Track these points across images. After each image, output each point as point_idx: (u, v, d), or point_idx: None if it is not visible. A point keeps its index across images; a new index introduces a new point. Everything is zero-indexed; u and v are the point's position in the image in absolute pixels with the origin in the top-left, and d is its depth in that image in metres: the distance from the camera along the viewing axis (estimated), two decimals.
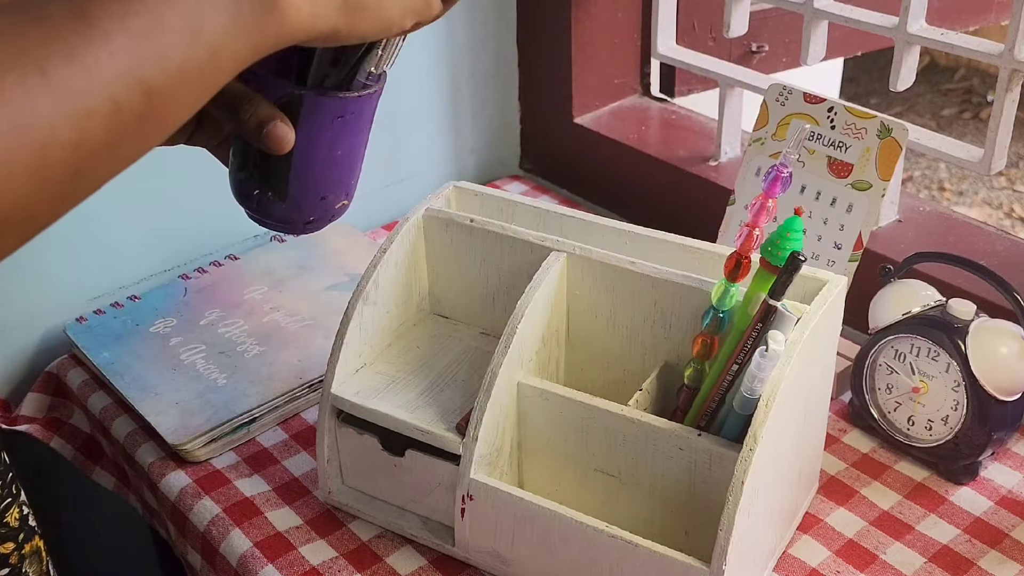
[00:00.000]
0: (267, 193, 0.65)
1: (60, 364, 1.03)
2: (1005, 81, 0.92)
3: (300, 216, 0.66)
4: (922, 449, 0.86)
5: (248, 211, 0.68)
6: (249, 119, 0.61)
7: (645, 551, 0.69)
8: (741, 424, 0.70)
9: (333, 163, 0.65)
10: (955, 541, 0.80)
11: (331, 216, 0.68)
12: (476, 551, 0.78)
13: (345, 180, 0.67)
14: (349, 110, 0.64)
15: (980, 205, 3.12)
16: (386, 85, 0.66)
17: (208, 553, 0.85)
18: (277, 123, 0.61)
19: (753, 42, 1.32)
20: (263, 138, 0.61)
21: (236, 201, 0.67)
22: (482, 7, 1.24)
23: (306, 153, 0.64)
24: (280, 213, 0.66)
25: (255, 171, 0.65)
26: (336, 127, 0.64)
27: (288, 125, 0.61)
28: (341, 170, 0.66)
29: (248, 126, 0.61)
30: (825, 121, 0.91)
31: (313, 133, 0.63)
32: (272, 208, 0.66)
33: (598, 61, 1.25)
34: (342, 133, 0.65)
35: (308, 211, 0.66)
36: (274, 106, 0.62)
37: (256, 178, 0.65)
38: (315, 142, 0.64)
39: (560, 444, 0.77)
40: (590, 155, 1.26)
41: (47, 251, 1.04)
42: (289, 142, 0.61)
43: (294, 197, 0.65)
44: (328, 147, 0.64)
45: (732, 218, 0.96)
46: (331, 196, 0.67)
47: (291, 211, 0.66)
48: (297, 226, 0.67)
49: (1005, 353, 0.82)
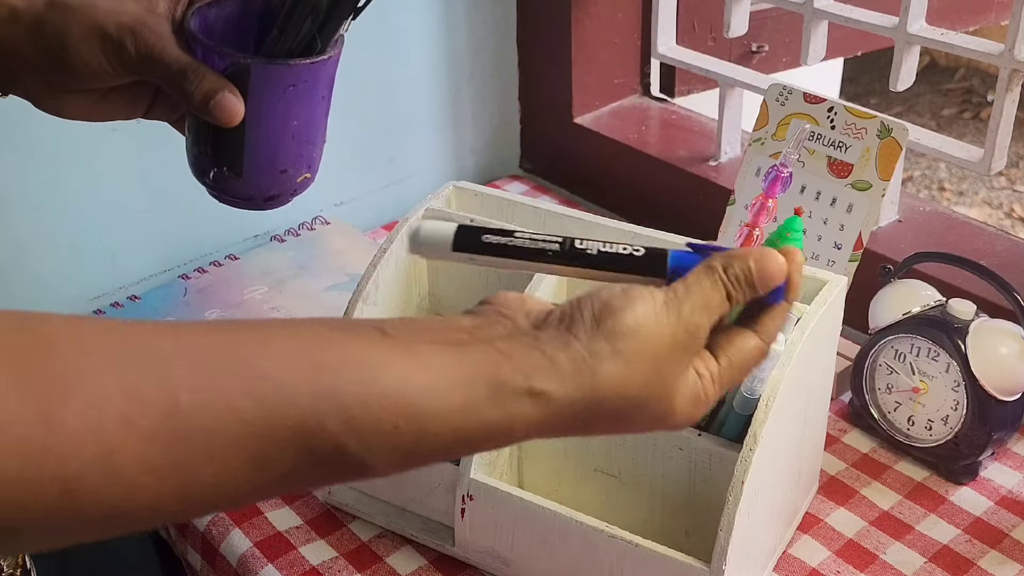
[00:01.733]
0: (222, 169, 0.63)
1: None
2: (1005, 81, 0.92)
3: (259, 192, 0.64)
4: (922, 449, 0.86)
5: (207, 187, 0.65)
6: (195, 91, 0.59)
7: (645, 551, 0.69)
8: (741, 424, 0.70)
9: (289, 135, 0.62)
10: (955, 541, 0.80)
11: (293, 190, 0.65)
12: (476, 551, 0.78)
13: (305, 152, 0.64)
14: (302, 78, 0.61)
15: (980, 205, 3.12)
16: (386, 85, 0.65)
17: (208, 553, 0.85)
18: (225, 94, 0.59)
19: (753, 42, 1.32)
20: (211, 110, 0.59)
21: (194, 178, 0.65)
22: (482, 7, 1.24)
23: (259, 125, 0.61)
24: (238, 189, 0.64)
25: (208, 146, 0.63)
26: (289, 97, 0.61)
27: (237, 96, 0.59)
28: (299, 142, 0.63)
29: (194, 98, 0.59)
30: (825, 121, 0.91)
31: (265, 104, 0.60)
32: (229, 184, 0.64)
33: (598, 61, 1.25)
34: (296, 103, 0.61)
35: (267, 186, 0.64)
36: (221, 77, 0.60)
37: (210, 154, 0.63)
38: (267, 113, 0.61)
39: (560, 444, 0.77)
40: (590, 155, 1.26)
41: (47, 251, 1.04)
42: (238, 114, 0.60)
43: (250, 172, 0.63)
44: (282, 118, 0.61)
45: (732, 218, 0.96)
46: (291, 170, 0.64)
47: (249, 187, 0.63)
48: (257, 202, 0.65)
49: (1005, 353, 0.82)
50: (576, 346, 0.45)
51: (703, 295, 0.47)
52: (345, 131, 1.18)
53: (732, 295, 0.48)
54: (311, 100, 0.62)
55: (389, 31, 1.17)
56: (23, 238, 1.02)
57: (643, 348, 0.45)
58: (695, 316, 0.47)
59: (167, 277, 1.11)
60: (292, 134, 0.63)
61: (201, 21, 0.62)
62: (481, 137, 1.32)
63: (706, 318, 0.47)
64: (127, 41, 0.60)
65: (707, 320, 0.47)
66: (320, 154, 0.66)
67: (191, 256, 1.13)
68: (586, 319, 0.45)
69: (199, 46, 0.60)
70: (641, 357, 0.45)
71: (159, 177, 1.06)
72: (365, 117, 1.19)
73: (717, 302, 0.47)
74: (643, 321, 0.45)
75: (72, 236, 1.04)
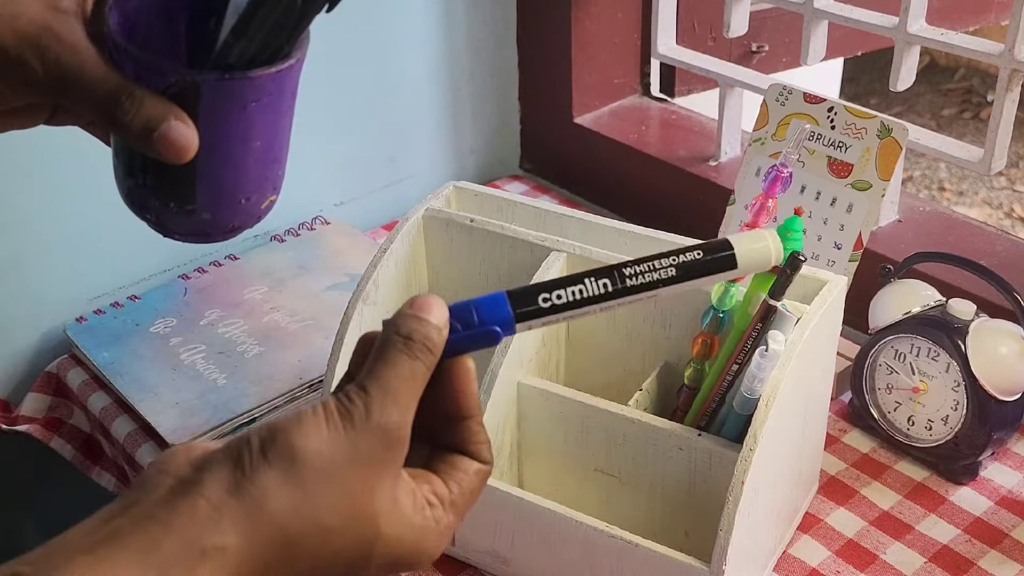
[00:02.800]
0: (168, 204, 0.51)
1: (60, 364, 1.03)
2: (1005, 81, 0.92)
3: (217, 226, 0.53)
4: (922, 449, 0.86)
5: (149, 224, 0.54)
6: (131, 121, 0.47)
7: (645, 551, 0.69)
8: (741, 424, 0.70)
9: (251, 158, 0.50)
10: (955, 541, 0.80)
11: (257, 217, 0.55)
12: (476, 551, 0.78)
13: (270, 175, 0.53)
14: (266, 91, 0.48)
15: (980, 205, 3.12)
16: (386, 85, 0.59)
17: None
18: (172, 123, 0.46)
19: (753, 42, 1.32)
20: (154, 144, 0.47)
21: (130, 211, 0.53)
22: (482, 7, 1.24)
23: (214, 151, 0.49)
24: (190, 226, 0.52)
25: (148, 178, 0.51)
26: (251, 114, 0.48)
27: (187, 123, 0.47)
28: (263, 164, 0.51)
29: (131, 131, 0.47)
30: (825, 121, 0.91)
31: (221, 127, 0.48)
32: (178, 221, 0.52)
33: (598, 61, 1.25)
34: (259, 120, 0.49)
35: (226, 219, 0.53)
36: (163, 99, 0.47)
37: (151, 186, 0.51)
38: (224, 137, 0.49)
39: (560, 444, 0.77)
40: (590, 155, 1.26)
41: (47, 251, 1.04)
42: (191, 146, 0.47)
43: (204, 205, 0.51)
44: (242, 140, 0.49)
45: (732, 218, 0.96)
46: (255, 196, 0.53)
47: (203, 223, 0.52)
48: (214, 236, 0.54)
49: (1005, 353, 0.82)
50: (244, 483, 0.40)
51: (385, 388, 0.42)
52: (345, 131, 1.18)
53: (420, 359, 0.43)
54: (276, 114, 0.50)
55: (389, 31, 1.17)
56: (23, 238, 1.02)
57: (322, 467, 0.40)
58: (384, 416, 0.41)
59: (167, 277, 1.11)
60: (255, 157, 0.51)
61: (120, 16, 0.49)
62: (481, 137, 1.32)
63: (398, 413, 0.42)
64: (30, 59, 0.47)
65: (400, 414, 0.42)
66: (284, 171, 0.55)
67: (191, 256, 1.13)
68: (254, 449, 0.40)
69: (128, 60, 0.47)
70: (321, 477, 0.40)
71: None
72: (365, 117, 1.19)
73: (407, 382, 0.42)
74: (313, 437, 0.40)
75: (72, 236, 1.04)
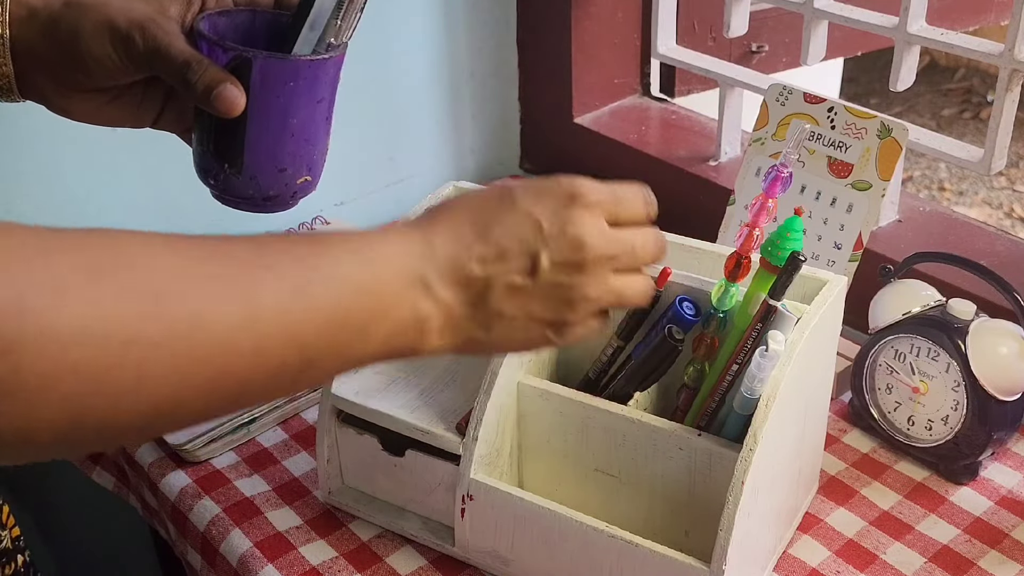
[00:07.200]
0: (224, 165, 0.65)
1: None
2: (1005, 81, 0.92)
3: (258, 190, 0.66)
4: (922, 449, 0.86)
5: (210, 188, 0.67)
6: (197, 82, 0.62)
7: (645, 551, 0.69)
8: (741, 424, 0.70)
9: (288, 132, 0.65)
10: (955, 541, 0.80)
11: (292, 192, 0.67)
12: (476, 551, 0.78)
13: (304, 153, 0.66)
14: (301, 75, 0.63)
15: (980, 205, 3.12)
16: (386, 85, 0.66)
17: (208, 553, 0.85)
18: (227, 85, 0.62)
19: (753, 42, 1.32)
20: (212, 100, 0.62)
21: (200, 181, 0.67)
22: (482, 7, 1.24)
23: (258, 120, 0.63)
24: (238, 187, 0.66)
25: (211, 144, 0.65)
26: (288, 93, 0.63)
27: (238, 87, 0.62)
28: (298, 141, 0.65)
29: (197, 89, 0.62)
30: (825, 121, 0.91)
31: (265, 98, 0.63)
32: (230, 182, 0.66)
33: (598, 61, 1.25)
34: (295, 100, 0.64)
35: (266, 184, 0.66)
36: (224, 70, 0.62)
37: (213, 152, 0.65)
38: (267, 108, 0.63)
39: (560, 444, 0.77)
40: (590, 155, 1.26)
41: None
42: (239, 104, 0.62)
43: (249, 168, 0.65)
44: (281, 114, 0.64)
45: (732, 218, 0.96)
46: (290, 169, 0.66)
47: (248, 185, 0.65)
48: (256, 201, 0.67)
49: (1005, 353, 0.81)
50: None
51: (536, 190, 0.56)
52: (345, 131, 1.18)
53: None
54: (310, 99, 0.65)
55: (389, 31, 1.17)
56: None
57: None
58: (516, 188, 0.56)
59: None
60: (291, 132, 0.65)
61: (210, 25, 0.65)
62: (481, 137, 1.32)
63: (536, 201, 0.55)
64: (136, 35, 0.63)
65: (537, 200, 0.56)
66: (322, 160, 0.68)
67: None
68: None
69: (204, 41, 0.63)
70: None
71: (160, 178, 1.06)
72: (365, 117, 1.19)
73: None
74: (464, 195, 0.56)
75: None
